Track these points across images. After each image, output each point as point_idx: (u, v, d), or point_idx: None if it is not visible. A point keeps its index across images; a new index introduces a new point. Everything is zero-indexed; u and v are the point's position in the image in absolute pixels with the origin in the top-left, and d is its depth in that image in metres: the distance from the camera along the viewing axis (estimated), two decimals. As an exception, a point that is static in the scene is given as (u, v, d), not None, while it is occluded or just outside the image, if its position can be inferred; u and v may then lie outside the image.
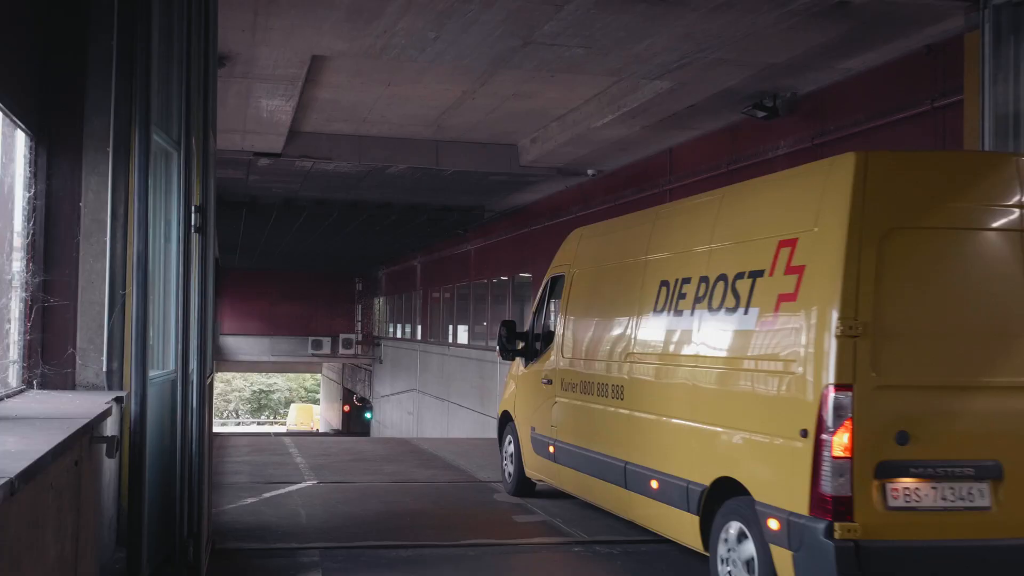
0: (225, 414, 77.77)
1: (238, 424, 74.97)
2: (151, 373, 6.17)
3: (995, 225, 5.75)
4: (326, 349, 44.47)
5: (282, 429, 65.30)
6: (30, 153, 6.65)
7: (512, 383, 10.60)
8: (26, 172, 6.64)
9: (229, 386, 79.45)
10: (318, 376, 70.24)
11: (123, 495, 6.50)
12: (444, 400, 30.17)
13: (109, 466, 6.41)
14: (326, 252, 35.05)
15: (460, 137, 16.85)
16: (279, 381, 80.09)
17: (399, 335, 39.94)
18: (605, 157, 16.73)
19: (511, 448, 10.30)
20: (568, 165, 17.49)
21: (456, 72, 12.60)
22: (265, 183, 20.04)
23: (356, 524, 8.53)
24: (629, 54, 10.81)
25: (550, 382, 9.40)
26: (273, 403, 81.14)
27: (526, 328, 10.37)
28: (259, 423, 75.99)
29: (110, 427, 6.22)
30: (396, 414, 38.28)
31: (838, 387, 5.36)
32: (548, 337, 9.73)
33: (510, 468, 10.34)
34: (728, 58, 10.70)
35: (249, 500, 9.30)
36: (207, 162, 6.76)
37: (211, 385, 7.28)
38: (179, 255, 6.31)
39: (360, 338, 45.46)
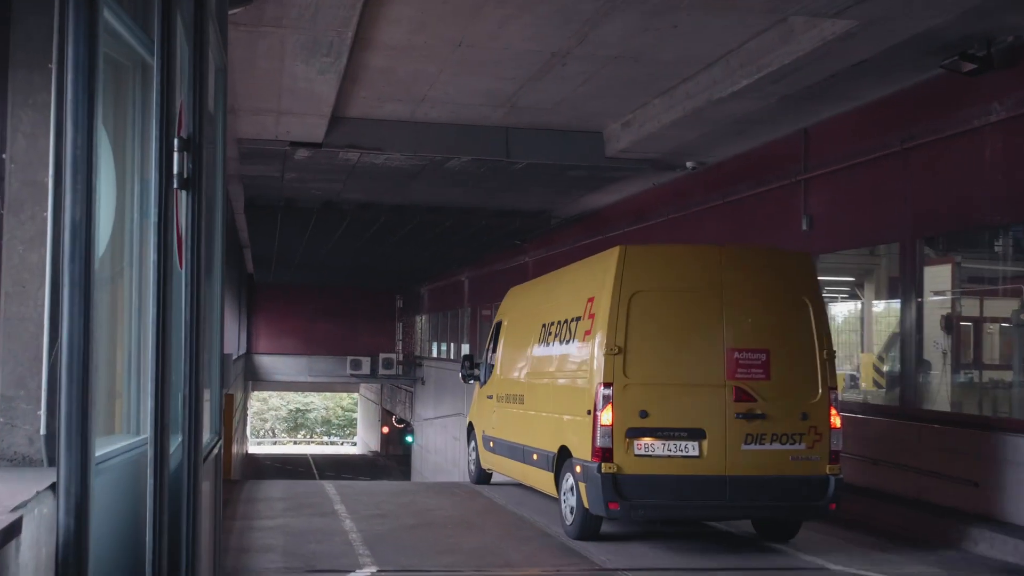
0: (262, 433, 75.83)
1: (274, 443, 72.86)
2: (102, 450, 3.37)
3: (702, 287, 8.92)
4: (365, 369, 41.65)
5: (320, 450, 62.71)
6: (-83, 72, 3.90)
7: (474, 402, 13.85)
8: None
9: (265, 405, 77.59)
10: (355, 395, 67.63)
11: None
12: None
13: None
14: (367, 265, 32.23)
15: (536, 122, 13.97)
16: (316, 400, 77.99)
17: (443, 355, 37.07)
18: (715, 144, 13.75)
19: (473, 449, 13.50)
20: (665, 155, 14.52)
21: (551, 19, 9.71)
22: (303, 182, 17.22)
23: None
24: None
25: (492, 397, 12.62)
26: (310, 422, 79.01)
27: (479, 360, 13.73)
28: (295, 442, 73.87)
29: (29, 547, 3.28)
30: (440, 439, 35.37)
31: (604, 384, 8.61)
32: (493, 366, 12.90)
33: (472, 464, 13.52)
34: (946, -19, 7.72)
35: (282, 611, 6.35)
36: (203, 71, 3.86)
37: (219, 456, 4.39)
38: (155, 230, 3.43)
39: (401, 358, 42.64)
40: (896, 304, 12.77)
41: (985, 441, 9.36)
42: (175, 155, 3.46)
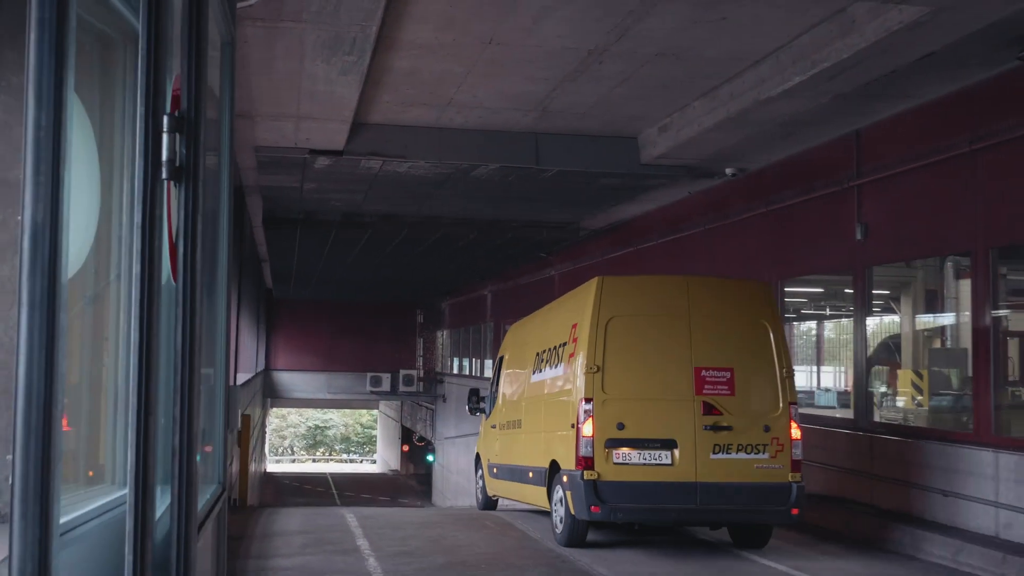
0: (280, 450, 75.21)
1: (293, 461, 72.24)
2: (74, 513, 2.67)
3: (672, 313, 9.95)
4: (385, 386, 40.92)
5: (339, 469, 61.94)
6: None
7: (480, 433, 14.76)
8: None
9: (284, 422, 77.02)
10: (374, 412, 66.91)
11: None
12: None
13: None
14: (388, 279, 31.53)
15: (567, 127, 13.24)
16: (335, 417, 77.37)
17: (465, 371, 36.29)
18: (758, 148, 12.96)
19: (480, 477, 14.21)
20: (704, 162, 13.75)
21: (591, 11, 8.99)
22: (323, 192, 16.54)
23: None
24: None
25: (495, 427, 13.43)
26: (328, 440, 78.36)
27: (485, 393, 14.51)
28: (314, 460, 73.24)
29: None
30: (463, 459, 34.54)
31: (585, 399, 9.59)
32: (496, 398, 13.82)
33: (480, 492, 14.23)
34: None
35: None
36: (201, 34, 3.12)
37: (222, 512, 3.61)
38: (139, 233, 2.68)
39: (422, 374, 41.86)
40: (929, 318, 12.05)
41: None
42: (164, 136, 2.72)
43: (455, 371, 38.03)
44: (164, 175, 2.75)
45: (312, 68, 9.86)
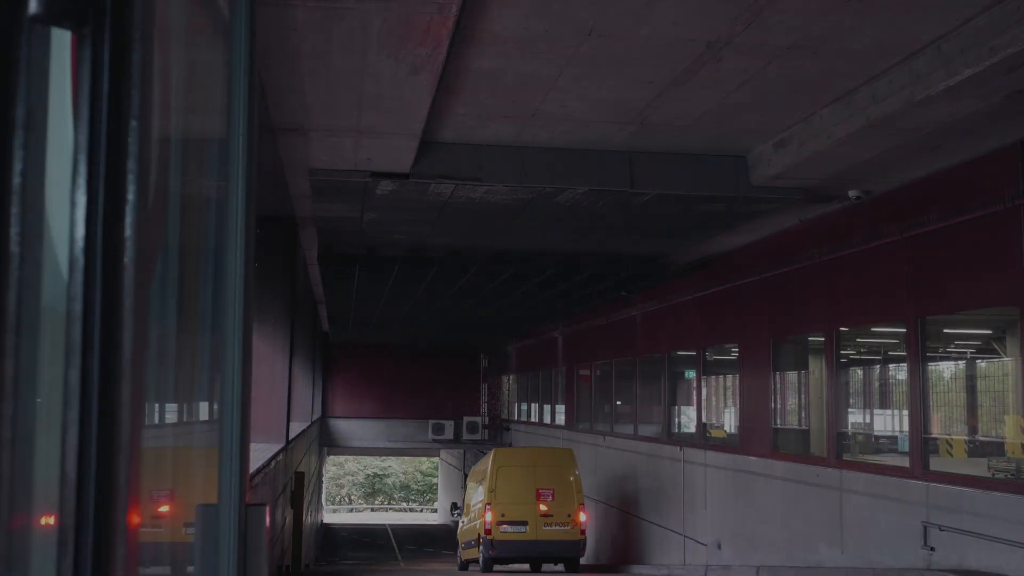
0: (338, 499, 73.59)
1: (351, 510, 70.54)
2: None
3: (527, 464, 21.48)
4: (448, 434, 39.14)
5: (399, 519, 60.10)
6: None
7: (458, 527, 25.43)
8: None
9: (342, 469, 75.44)
10: (435, 459, 65.03)
11: None
12: (600, 502, 24.44)
13: None
14: (452, 322, 29.81)
15: (667, 145, 11.53)
16: (394, 464, 75.62)
17: (534, 418, 34.45)
18: (895, 165, 11.10)
19: (459, 552, 24.57)
20: (825, 183, 11.90)
21: (724, -16, 7.27)
22: (385, 225, 14.91)
23: None
24: None
25: (462, 522, 24.16)
26: (387, 488, 76.57)
27: (460, 505, 25.80)
28: (372, 509, 71.49)
29: None
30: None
31: (487, 503, 20.72)
32: (464, 505, 24.64)
33: (459, 559, 24.40)
34: None
35: None
36: None
37: None
38: None
39: (487, 421, 40.04)
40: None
41: None
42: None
43: (523, 418, 36.20)
44: (33, 8, 1.05)
45: (377, 64, 8.23)
